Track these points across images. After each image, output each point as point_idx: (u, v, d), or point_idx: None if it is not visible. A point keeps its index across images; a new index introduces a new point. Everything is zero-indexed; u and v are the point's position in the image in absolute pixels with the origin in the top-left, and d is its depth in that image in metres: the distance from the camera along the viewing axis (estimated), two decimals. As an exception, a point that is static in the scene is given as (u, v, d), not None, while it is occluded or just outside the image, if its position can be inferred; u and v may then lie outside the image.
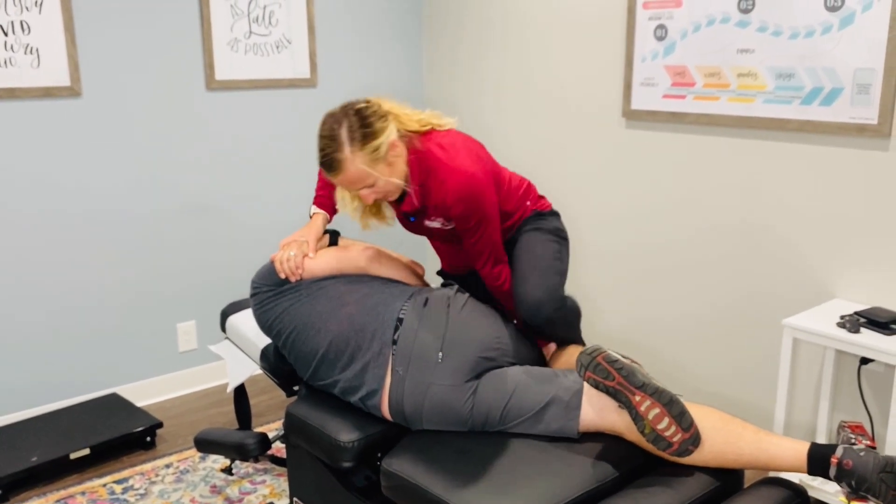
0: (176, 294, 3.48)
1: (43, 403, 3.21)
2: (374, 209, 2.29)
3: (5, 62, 2.90)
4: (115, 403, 3.21)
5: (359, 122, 2.01)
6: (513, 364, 2.15)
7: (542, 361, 2.32)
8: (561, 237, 2.32)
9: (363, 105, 2.06)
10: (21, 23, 2.91)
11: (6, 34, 2.88)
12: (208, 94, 3.42)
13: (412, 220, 2.25)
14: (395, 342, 2.11)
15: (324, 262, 2.30)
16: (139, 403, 3.44)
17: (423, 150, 2.09)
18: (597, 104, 3.34)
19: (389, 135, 2.03)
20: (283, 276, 2.27)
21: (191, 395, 3.55)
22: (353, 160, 2.01)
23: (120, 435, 2.95)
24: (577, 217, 3.50)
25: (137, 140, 3.27)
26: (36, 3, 2.92)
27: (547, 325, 2.19)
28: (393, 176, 2.07)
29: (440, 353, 2.06)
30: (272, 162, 3.66)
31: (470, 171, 2.06)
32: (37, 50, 2.95)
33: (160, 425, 3.06)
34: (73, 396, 3.27)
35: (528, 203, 2.31)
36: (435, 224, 2.19)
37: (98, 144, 3.17)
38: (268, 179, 3.67)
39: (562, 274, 2.26)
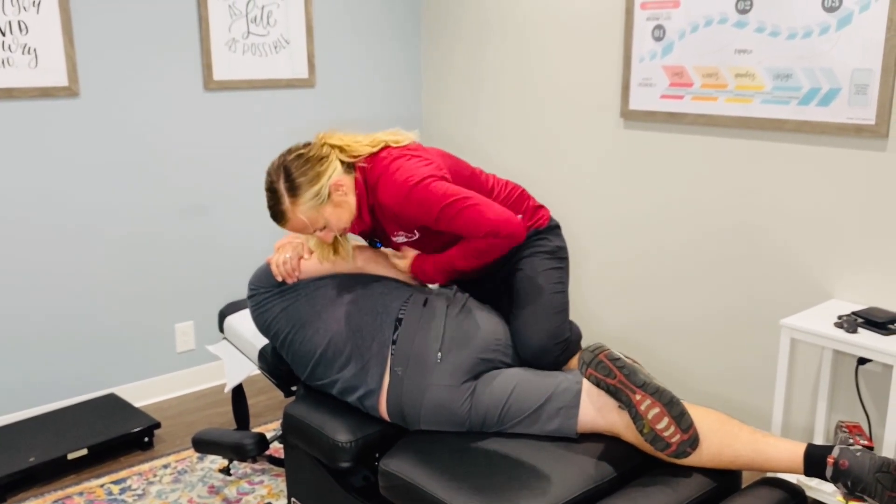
0: (174, 294, 3.48)
1: (41, 404, 3.20)
2: (333, 245, 2.27)
3: (3, 62, 2.89)
4: (112, 404, 3.21)
5: (295, 170, 2.01)
6: (511, 365, 2.15)
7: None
8: (561, 257, 2.26)
9: (301, 151, 2.05)
10: (19, 23, 2.90)
11: (3, 34, 2.88)
12: (206, 95, 3.42)
13: (378, 246, 2.23)
14: (394, 342, 2.11)
15: (320, 262, 2.30)
16: (137, 404, 3.44)
17: (370, 168, 2.07)
18: (595, 104, 3.34)
19: (331, 176, 2.02)
20: (279, 278, 2.27)
21: (189, 396, 3.55)
22: (294, 211, 2.01)
23: (118, 435, 2.95)
24: (574, 217, 3.50)
25: (135, 140, 3.26)
26: (34, 2, 2.92)
27: (549, 364, 2.18)
28: (344, 214, 2.06)
29: (439, 354, 2.06)
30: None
31: (411, 169, 2.00)
32: (34, 50, 2.95)
33: (158, 426, 3.05)
34: (71, 397, 3.27)
35: (520, 217, 2.22)
36: (400, 238, 2.16)
37: (96, 145, 3.17)
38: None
39: (564, 309, 2.22)
